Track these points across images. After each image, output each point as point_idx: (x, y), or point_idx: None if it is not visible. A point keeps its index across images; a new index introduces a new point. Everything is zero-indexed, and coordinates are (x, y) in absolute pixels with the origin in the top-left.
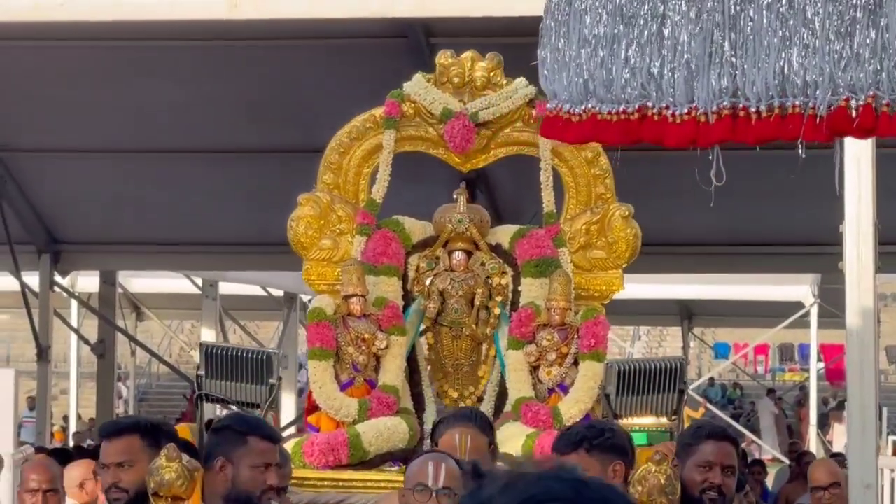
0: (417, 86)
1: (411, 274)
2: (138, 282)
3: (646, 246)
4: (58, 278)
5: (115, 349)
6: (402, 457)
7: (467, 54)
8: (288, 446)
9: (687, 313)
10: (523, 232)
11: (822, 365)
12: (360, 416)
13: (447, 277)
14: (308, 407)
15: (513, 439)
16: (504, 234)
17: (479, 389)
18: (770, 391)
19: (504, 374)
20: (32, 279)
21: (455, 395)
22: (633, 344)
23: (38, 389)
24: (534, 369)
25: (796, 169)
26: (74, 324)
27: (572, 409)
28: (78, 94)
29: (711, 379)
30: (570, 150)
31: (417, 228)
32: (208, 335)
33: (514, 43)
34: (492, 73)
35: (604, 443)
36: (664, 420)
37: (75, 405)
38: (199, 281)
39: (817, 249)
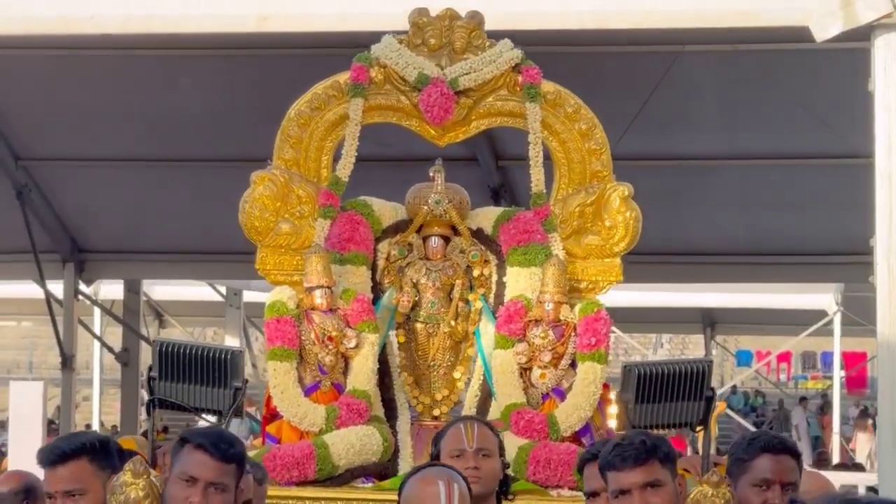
0: (388, 48)
1: (381, 263)
2: (161, 289)
3: (669, 255)
4: (82, 287)
5: (140, 357)
6: (375, 471)
7: (444, 12)
8: None
9: (710, 321)
10: (508, 215)
11: (844, 373)
12: (328, 426)
13: (422, 267)
14: (266, 415)
15: None
16: (487, 217)
17: (455, 393)
18: (802, 399)
19: (487, 377)
20: (56, 287)
21: (428, 400)
22: (655, 352)
23: (62, 398)
24: (525, 371)
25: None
26: (98, 331)
27: (570, 416)
28: (102, 102)
29: (734, 387)
30: (562, 121)
31: (388, 211)
32: (232, 343)
33: (541, 52)
34: (472, 34)
35: (671, 453)
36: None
37: (98, 412)
38: (222, 289)
39: (841, 259)
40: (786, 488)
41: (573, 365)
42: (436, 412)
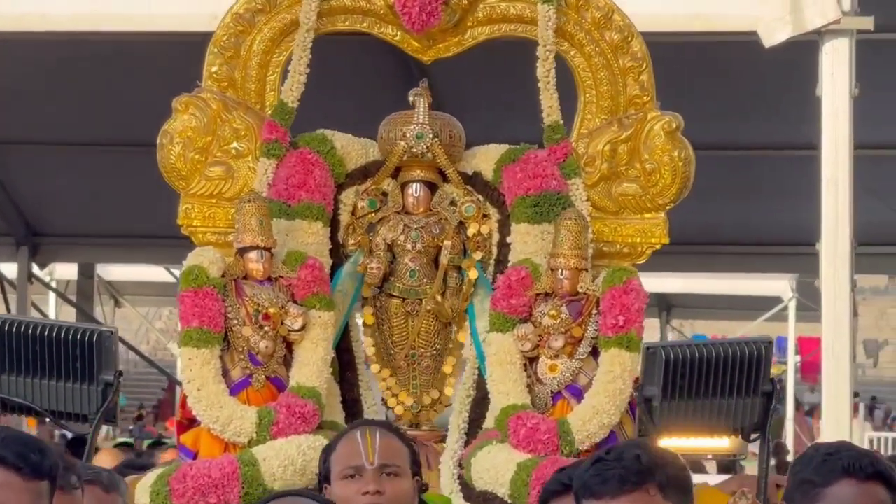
0: None
1: (344, 218)
2: (116, 270)
3: None
4: (36, 270)
5: None
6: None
7: None
8: (147, 480)
9: (665, 306)
10: (515, 154)
11: (799, 358)
12: (261, 435)
13: (399, 223)
14: (183, 420)
15: (496, 469)
16: (486, 157)
17: (444, 394)
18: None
19: (482, 370)
20: (10, 269)
21: (410, 401)
22: None
23: None
24: (530, 362)
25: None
26: (52, 312)
27: (589, 423)
28: (57, 87)
29: None
30: (588, 30)
31: (355, 149)
32: None
33: None
34: None
35: (679, 476)
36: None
37: None
38: (176, 271)
39: (795, 250)
40: None
41: (595, 353)
42: (422, 419)
